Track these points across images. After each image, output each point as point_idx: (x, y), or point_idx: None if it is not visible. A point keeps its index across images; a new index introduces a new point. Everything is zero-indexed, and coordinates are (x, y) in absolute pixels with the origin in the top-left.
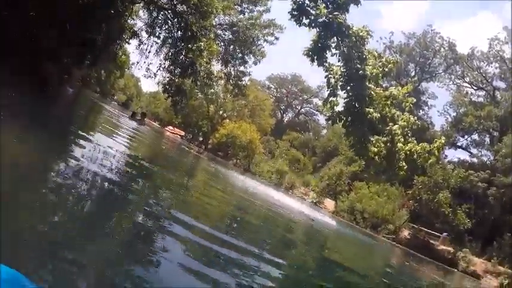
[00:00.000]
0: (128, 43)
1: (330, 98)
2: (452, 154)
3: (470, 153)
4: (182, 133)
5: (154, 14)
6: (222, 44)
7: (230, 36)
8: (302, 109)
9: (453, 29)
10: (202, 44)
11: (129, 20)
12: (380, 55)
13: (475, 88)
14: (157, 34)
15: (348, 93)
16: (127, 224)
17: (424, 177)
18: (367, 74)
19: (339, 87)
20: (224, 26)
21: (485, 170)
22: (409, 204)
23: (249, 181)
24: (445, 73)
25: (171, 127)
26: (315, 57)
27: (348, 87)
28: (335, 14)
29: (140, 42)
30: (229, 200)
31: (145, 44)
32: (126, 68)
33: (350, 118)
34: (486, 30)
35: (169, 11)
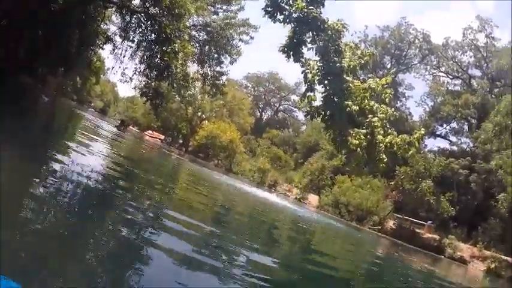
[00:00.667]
0: (102, 48)
1: (308, 93)
2: (432, 143)
3: (449, 141)
4: (162, 137)
5: (127, 18)
6: (197, 45)
7: (205, 36)
8: (280, 106)
9: (427, 20)
10: (176, 46)
11: (102, 25)
12: (357, 46)
13: (451, 77)
14: (131, 38)
15: (326, 87)
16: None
17: (406, 167)
18: (344, 67)
19: (316, 81)
20: (198, 27)
21: (465, 157)
22: (393, 194)
23: (232, 181)
24: (421, 64)
25: (150, 131)
26: (291, 53)
27: (326, 81)
28: (310, 9)
29: (114, 47)
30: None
31: (119, 49)
32: (101, 74)
33: (329, 112)
34: (459, 19)
35: (142, 14)
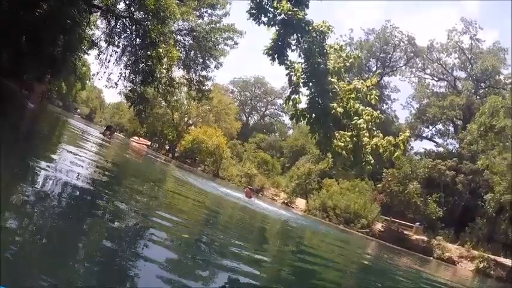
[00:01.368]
0: (87, 54)
1: (292, 96)
2: (418, 145)
3: (436, 143)
4: (148, 143)
5: (112, 23)
6: (183, 50)
7: (190, 41)
8: (267, 111)
9: (412, 23)
10: (161, 51)
11: (87, 30)
12: (342, 47)
13: (436, 79)
14: (116, 43)
15: (311, 89)
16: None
17: (393, 169)
18: (329, 69)
19: (301, 84)
20: (184, 32)
21: (451, 158)
22: (380, 197)
23: (218, 186)
24: (406, 66)
25: (137, 137)
26: (276, 55)
27: (310, 83)
28: (294, 10)
29: (99, 52)
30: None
31: (104, 54)
32: (87, 80)
33: (314, 115)
34: (444, 22)
35: (127, 19)
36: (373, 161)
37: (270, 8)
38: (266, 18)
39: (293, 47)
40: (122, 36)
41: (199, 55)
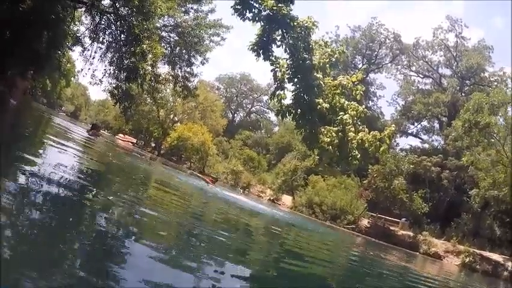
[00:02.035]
0: (72, 50)
1: (278, 92)
2: (403, 142)
3: (421, 139)
4: (134, 140)
5: (97, 19)
6: (168, 46)
7: (176, 37)
8: (253, 108)
9: (397, 21)
10: (145, 47)
11: (72, 26)
12: (326, 43)
13: (422, 76)
14: (101, 39)
15: (296, 85)
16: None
17: (378, 165)
18: (314, 64)
19: (286, 79)
20: (169, 28)
21: (437, 155)
22: (366, 193)
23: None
24: (392, 64)
25: (122, 135)
26: (261, 51)
27: (296, 79)
28: (279, 6)
29: (84, 48)
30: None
31: (89, 50)
32: (72, 77)
33: (299, 110)
34: (430, 20)
35: (112, 15)
36: (359, 156)
37: (255, 4)
38: (251, 14)
39: (278, 43)
40: (107, 32)
41: (184, 51)
